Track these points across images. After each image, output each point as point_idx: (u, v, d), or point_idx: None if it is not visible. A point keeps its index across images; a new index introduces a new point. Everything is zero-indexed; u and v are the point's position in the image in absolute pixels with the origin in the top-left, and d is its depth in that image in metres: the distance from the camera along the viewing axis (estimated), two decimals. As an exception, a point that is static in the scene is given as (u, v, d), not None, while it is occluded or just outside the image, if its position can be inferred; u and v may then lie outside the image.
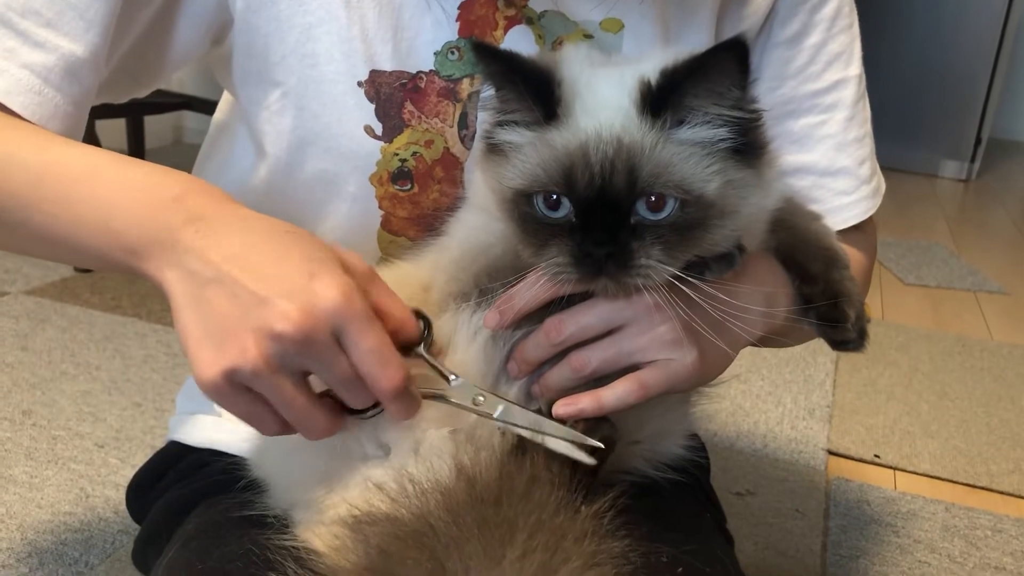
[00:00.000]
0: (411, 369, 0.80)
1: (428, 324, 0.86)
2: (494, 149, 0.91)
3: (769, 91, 1.15)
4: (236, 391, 0.76)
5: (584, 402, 0.87)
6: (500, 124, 0.90)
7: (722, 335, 0.91)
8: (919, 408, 2.63)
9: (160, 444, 1.34)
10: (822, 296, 0.99)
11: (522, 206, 0.88)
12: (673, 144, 0.84)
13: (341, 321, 0.75)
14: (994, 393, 2.76)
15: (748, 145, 0.86)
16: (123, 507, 1.39)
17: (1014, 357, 3.05)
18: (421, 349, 0.85)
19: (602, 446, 0.83)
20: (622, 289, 0.86)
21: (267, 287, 0.75)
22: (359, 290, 0.77)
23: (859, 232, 1.20)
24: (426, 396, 0.83)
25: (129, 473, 1.37)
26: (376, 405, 0.81)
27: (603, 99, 0.87)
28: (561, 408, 0.87)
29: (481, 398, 0.85)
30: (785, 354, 2.90)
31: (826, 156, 1.17)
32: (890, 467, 2.31)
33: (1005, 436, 2.49)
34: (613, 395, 0.88)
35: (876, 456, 2.34)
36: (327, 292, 0.75)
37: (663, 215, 0.84)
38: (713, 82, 0.82)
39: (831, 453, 2.36)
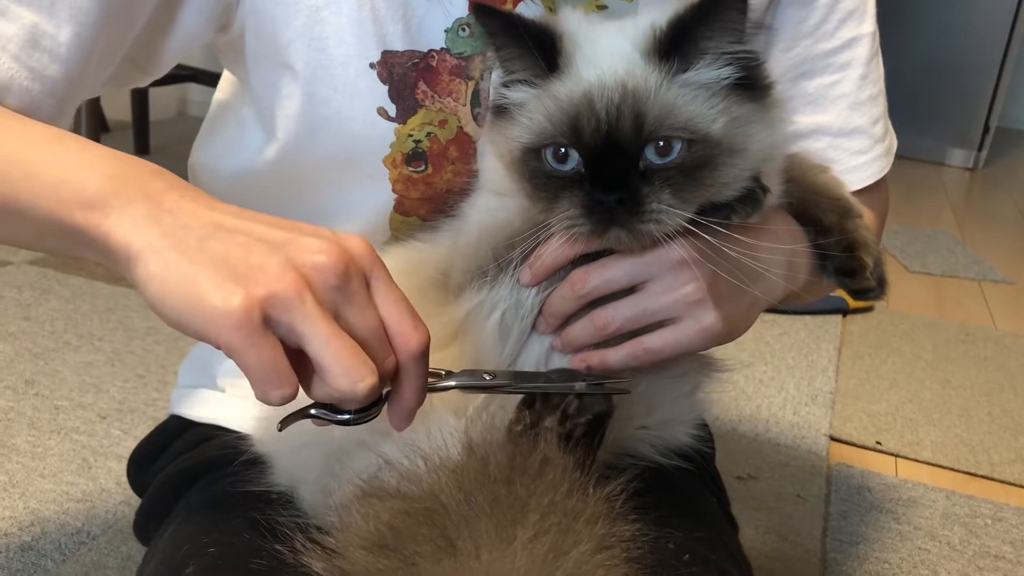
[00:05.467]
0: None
1: None
2: (500, 112, 0.91)
3: (783, 52, 1.14)
4: (265, 329, 0.63)
5: (592, 359, 0.91)
6: (505, 85, 0.91)
7: (743, 297, 0.91)
8: (921, 396, 2.63)
9: (163, 416, 1.34)
10: (838, 246, 0.99)
11: (531, 162, 0.88)
12: (677, 86, 0.84)
13: (372, 265, 0.69)
14: (997, 382, 2.76)
15: (751, 80, 0.86)
16: (125, 478, 1.39)
17: (1017, 347, 3.05)
18: None
19: (628, 390, 0.85)
20: (636, 237, 0.85)
21: (289, 231, 0.68)
22: None
23: (872, 191, 1.19)
24: (432, 390, 0.76)
25: (131, 444, 1.37)
26: (372, 406, 0.71)
27: (605, 48, 0.87)
28: (576, 363, 0.90)
29: (487, 376, 0.82)
30: (789, 340, 2.90)
31: (841, 116, 1.16)
32: (891, 454, 2.31)
33: (1007, 425, 2.48)
34: (618, 357, 0.90)
35: (878, 443, 2.34)
36: (354, 239, 0.69)
37: (670, 158, 0.84)
38: (725, 18, 0.82)
39: (833, 439, 2.36)
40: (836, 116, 1.16)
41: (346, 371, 0.64)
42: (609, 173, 0.84)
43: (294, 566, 0.76)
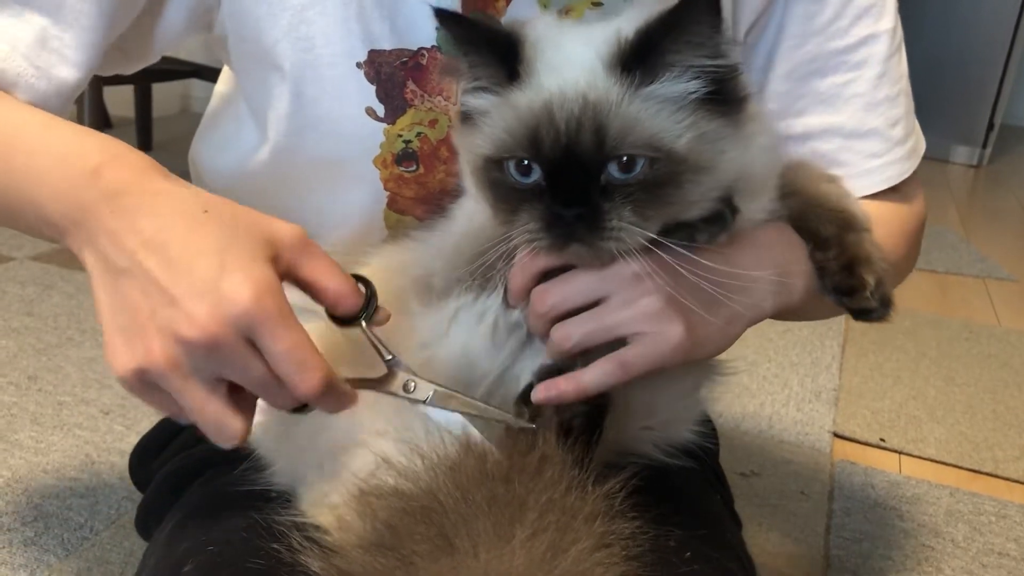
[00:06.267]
0: (356, 340, 0.80)
1: (372, 292, 0.81)
2: (466, 119, 0.88)
3: (793, 49, 1.09)
4: (147, 387, 0.74)
5: (563, 385, 0.85)
6: (469, 91, 0.87)
7: (716, 308, 0.87)
8: (925, 393, 2.62)
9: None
10: (836, 262, 0.93)
11: (493, 172, 0.85)
12: (641, 100, 0.81)
13: (251, 323, 0.70)
14: (1001, 379, 2.75)
15: (721, 95, 0.82)
16: (128, 474, 1.39)
17: (1022, 344, 3.04)
18: (362, 322, 0.80)
19: (532, 427, 0.82)
20: (595, 254, 0.83)
21: (177, 283, 0.71)
22: (277, 284, 0.73)
23: (894, 195, 1.14)
24: (354, 386, 0.79)
25: (134, 440, 1.37)
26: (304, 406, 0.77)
27: (568, 56, 0.83)
28: (541, 393, 0.85)
29: (412, 384, 0.82)
30: (792, 337, 2.90)
31: (854, 117, 1.10)
32: (895, 451, 2.30)
33: (1011, 423, 2.48)
34: (592, 377, 0.85)
35: (882, 440, 2.33)
36: (237, 292, 0.70)
37: (633, 174, 0.80)
38: (691, 32, 0.79)
39: (837, 436, 2.35)
40: (849, 117, 1.11)
41: (212, 434, 0.75)
42: (569, 187, 0.81)
43: (292, 565, 0.76)
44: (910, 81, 1.17)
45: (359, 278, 0.81)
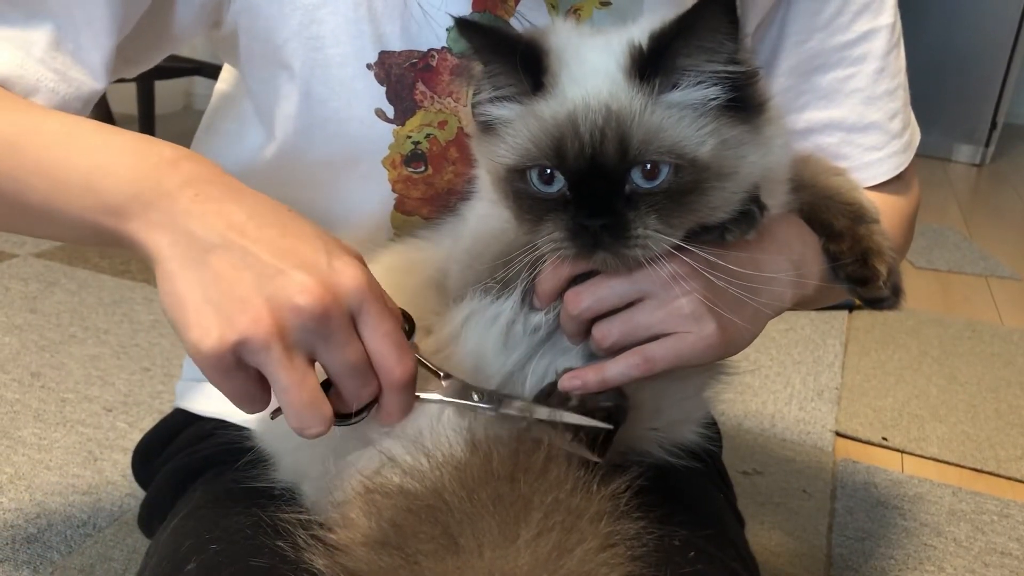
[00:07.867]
0: None
1: (412, 325, 0.85)
2: (486, 128, 0.88)
3: (796, 45, 1.11)
4: (237, 366, 0.71)
5: (588, 375, 0.86)
6: (490, 101, 0.87)
7: (744, 308, 0.88)
8: (928, 392, 2.62)
9: (168, 409, 1.34)
10: (850, 253, 0.96)
11: (516, 183, 0.85)
12: (663, 108, 0.81)
13: (361, 301, 0.73)
14: (1003, 379, 2.75)
15: (742, 100, 0.82)
16: (131, 471, 1.40)
17: (1024, 343, 3.04)
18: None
19: (610, 427, 0.83)
20: (622, 262, 0.83)
21: (283, 259, 0.72)
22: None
23: (892, 185, 1.16)
24: (421, 399, 0.82)
25: (137, 437, 1.37)
26: (364, 409, 0.78)
27: (591, 66, 0.84)
28: (566, 381, 0.86)
29: (476, 396, 0.85)
30: (795, 335, 2.90)
31: (855, 111, 1.13)
32: (898, 450, 2.31)
33: (1013, 422, 2.48)
34: (617, 369, 0.86)
35: (884, 439, 2.34)
36: (347, 270, 0.73)
37: (657, 182, 0.80)
38: (703, 38, 0.78)
39: (839, 435, 2.35)
40: (850, 111, 1.13)
41: (296, 418, 0.72)
42: (594, 198, 0.81)
43: (296, 563, 0.76)
44: (913, 80, 1.19)
45: (400, 311, 0.85)
